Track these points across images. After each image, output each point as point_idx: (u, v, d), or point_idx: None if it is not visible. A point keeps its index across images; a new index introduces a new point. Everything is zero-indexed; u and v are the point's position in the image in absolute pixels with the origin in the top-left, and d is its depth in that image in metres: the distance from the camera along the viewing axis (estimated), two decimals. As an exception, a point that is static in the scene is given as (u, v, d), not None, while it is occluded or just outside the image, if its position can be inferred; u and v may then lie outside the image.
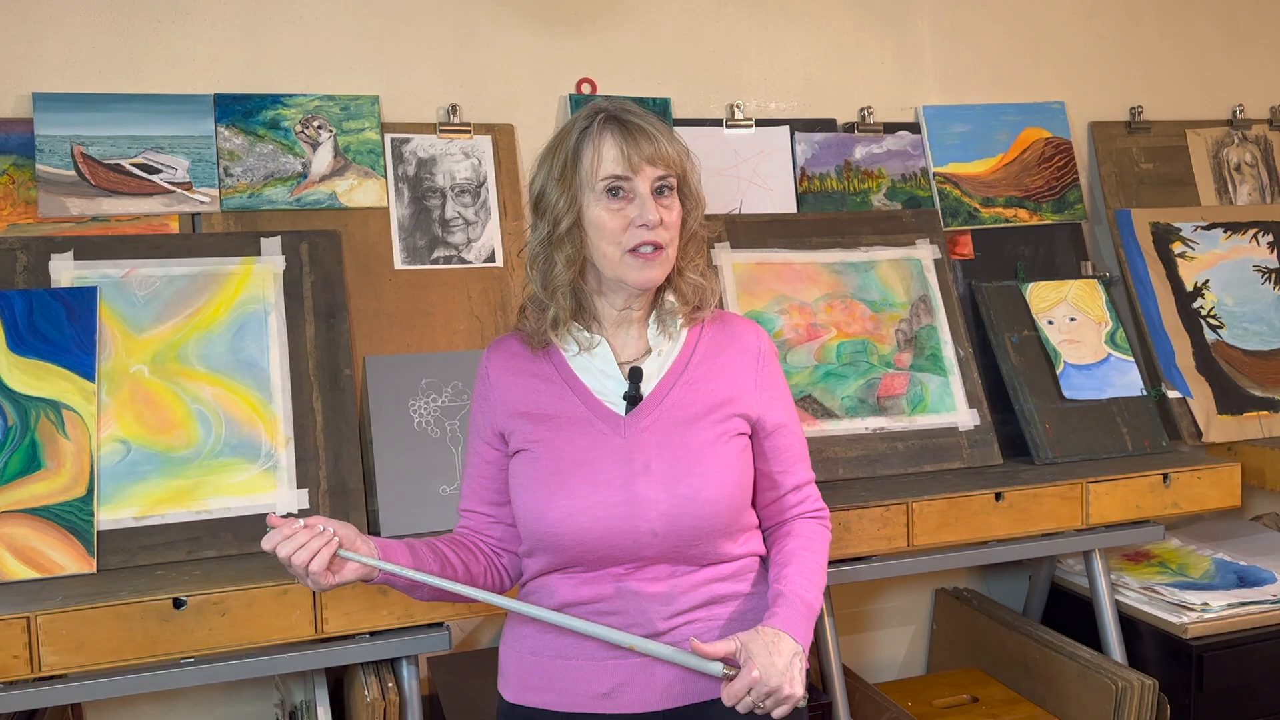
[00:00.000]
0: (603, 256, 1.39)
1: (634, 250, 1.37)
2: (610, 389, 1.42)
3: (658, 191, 1.39)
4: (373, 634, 1.74)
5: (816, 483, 1.53)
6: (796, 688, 1.27)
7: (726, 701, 1.27)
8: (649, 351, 1.46)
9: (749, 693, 1.26)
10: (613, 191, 1.37)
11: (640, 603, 1.36)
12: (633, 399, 1.41)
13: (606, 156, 1.36)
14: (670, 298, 1.46)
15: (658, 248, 1.38)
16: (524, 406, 1.43)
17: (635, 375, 1.42)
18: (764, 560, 1.48)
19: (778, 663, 1.27)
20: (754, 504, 1.48)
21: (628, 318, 1.46)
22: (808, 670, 1.40)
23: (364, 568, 1.29)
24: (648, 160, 1.36)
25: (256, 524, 1.89)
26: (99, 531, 1.81)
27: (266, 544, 1.25)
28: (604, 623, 1.35)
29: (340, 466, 1.98)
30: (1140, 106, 2.86)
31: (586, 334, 1.45)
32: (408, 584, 1.35)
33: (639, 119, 1.38)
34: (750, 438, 1.46)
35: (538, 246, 1.43)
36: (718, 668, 1.28)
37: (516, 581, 1.50)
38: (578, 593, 1.38)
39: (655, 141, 1.37)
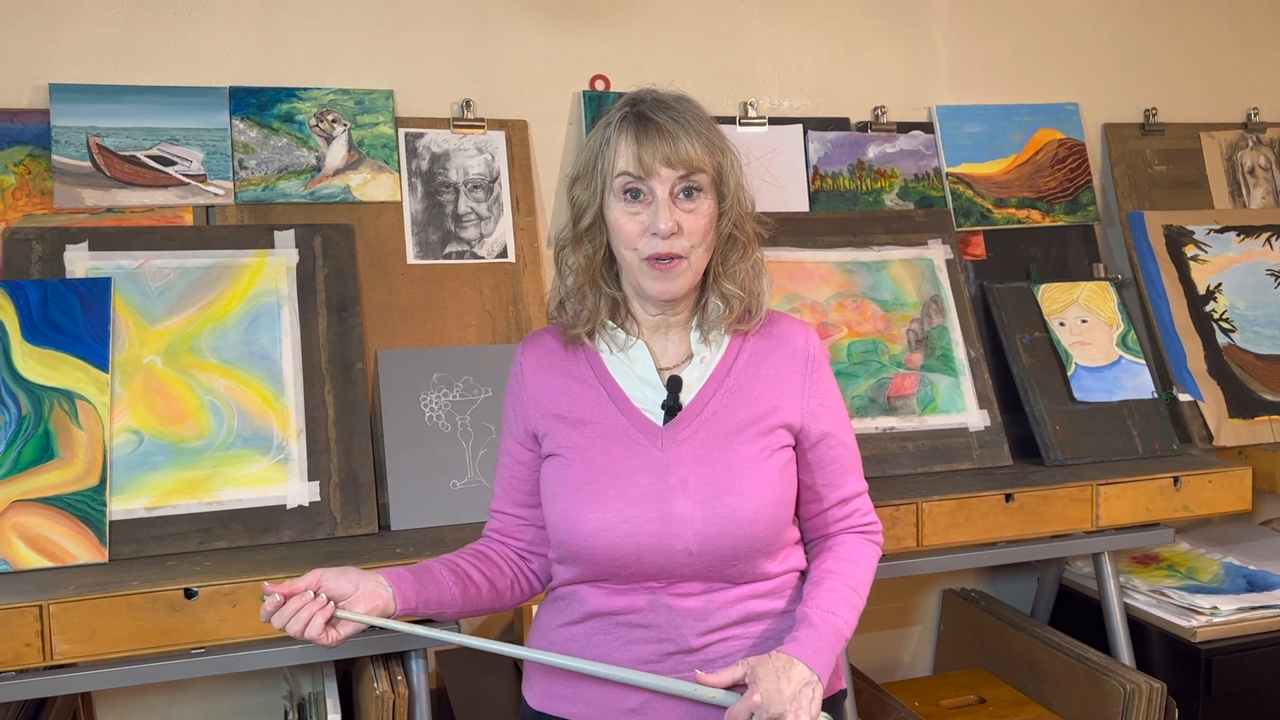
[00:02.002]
0: (623, 260, 1.34)
1: (650, 260, 1.30)
2: (648, 396, 1.36)
3: (685, 194, 1.30)
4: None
5: None
6: (802, 717, 1.19)
7: None
8: (690, 357, 1.38)
9: (750, 719, 1.20)
10: (631, 193, 1.30)
11: (674, 617, 1.31)
12: (671, 409, 1.35)
13: (620, 156, 1.30)
14: (716, 301, 1.37)
15: (676, 258, 1.30)
16: (557, 408, 1.37)
17: (674, 384, 1.36)
18: (804, 575, 1.42)
19: (785, 690, 1.20)
20: (797, 515, 1.41)
21: (665, 323, 1.38)
22: (843, 690, 1.35)
23: (370, 613, 1.26)
24: (664, 162, 1.28)
25: (268, 516, 1.90)
26: (111, 521, 1.82)
27: (264, 619, 1.23)
28: (635, 635, 1.32)
29: (351, 460, 1.98)
30: (1154, 108, 2.85)
31: (623, 334, 1.38)
32: (434, 612, 1.33)
33: (663, 114, 1.30)
34: (794, 448, 1.39)
35: (564, 239, 1.38)
36: (733, 698, 1.22)
37: (547, 585, 1.46)
38: (609, 603, 1.33)
39: (674, 141, 1.28)
